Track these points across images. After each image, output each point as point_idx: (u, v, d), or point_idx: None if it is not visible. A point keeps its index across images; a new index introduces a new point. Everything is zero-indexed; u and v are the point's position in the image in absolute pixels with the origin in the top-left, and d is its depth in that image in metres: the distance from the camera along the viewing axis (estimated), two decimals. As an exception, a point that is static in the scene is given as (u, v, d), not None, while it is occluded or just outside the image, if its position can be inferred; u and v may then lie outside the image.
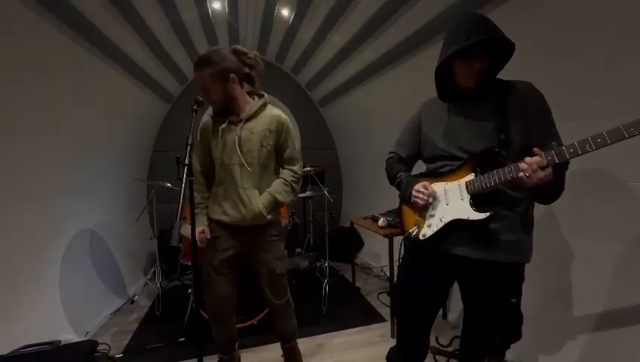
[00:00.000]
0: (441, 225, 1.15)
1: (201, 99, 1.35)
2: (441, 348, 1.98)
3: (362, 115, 3.75)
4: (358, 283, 3.04)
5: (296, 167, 1.63)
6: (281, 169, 1.65)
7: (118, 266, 2.92)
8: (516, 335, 1.24)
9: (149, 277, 3.21)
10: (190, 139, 1.20)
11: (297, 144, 1.66)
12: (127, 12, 2.16)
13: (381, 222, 2.42)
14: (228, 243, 1.56)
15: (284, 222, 2.60)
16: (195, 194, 1.43)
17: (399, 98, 2.96)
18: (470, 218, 1.08)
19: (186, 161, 1.16)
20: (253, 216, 1.51)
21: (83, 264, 2.44)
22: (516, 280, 1.13)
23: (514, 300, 1.11)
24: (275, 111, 1.59)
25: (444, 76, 1.18)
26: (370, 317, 2.49)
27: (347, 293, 2.92)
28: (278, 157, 1.62)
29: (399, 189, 1.32)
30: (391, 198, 1.55)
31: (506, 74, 1.15)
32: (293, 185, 1.61)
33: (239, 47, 1.52)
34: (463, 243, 1.13)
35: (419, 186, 1.20)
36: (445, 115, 1.23)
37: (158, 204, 2.89)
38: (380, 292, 2.86)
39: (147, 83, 3.00)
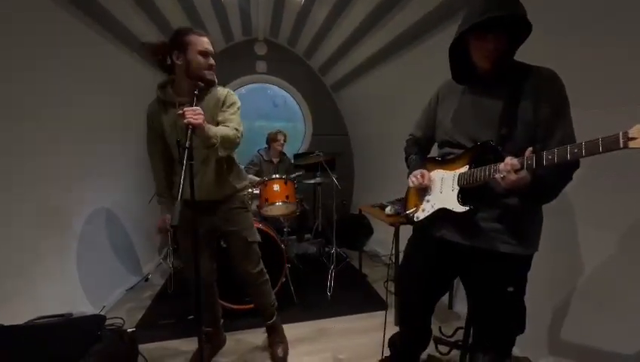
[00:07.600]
0: (431, 211, 1.20)
1: (202, 84, 1.38)
2: (444, 337, 1.96)
3: (375, 99, 3.66)
4: (365, 271, 3.04)
5: None
6: None
7: (134, 246, 3.04)
8: (519, 328, 1.19)
9: (162, 256, 3.34)
10: (191, 123, 1.22)
11: None
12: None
13: (388, 210, 2.39)
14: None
15: (292, 208, 2.62)
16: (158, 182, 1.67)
17: (413, 83, 2.86)
18: (454, 209, 1.11)
19: (187, 145, 1.17)
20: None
21: (102, 242, 2.56)
22: (513, 269, 1.09)
23: (510, 289, 1.08)
24: None
25: (461, 56, 1.12)
26: (374, 304, 2.50)
27: (353, 280, 2.93)
28: None
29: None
30: (401, 187, 1.53)
31: (525, 57, 1.07)
32: None
33: None
34: (454, 230, 1.15)
35: (417, 172, 1.24)
36: (457, 99, 1.19)
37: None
38: (387, 280, 2.86)
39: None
